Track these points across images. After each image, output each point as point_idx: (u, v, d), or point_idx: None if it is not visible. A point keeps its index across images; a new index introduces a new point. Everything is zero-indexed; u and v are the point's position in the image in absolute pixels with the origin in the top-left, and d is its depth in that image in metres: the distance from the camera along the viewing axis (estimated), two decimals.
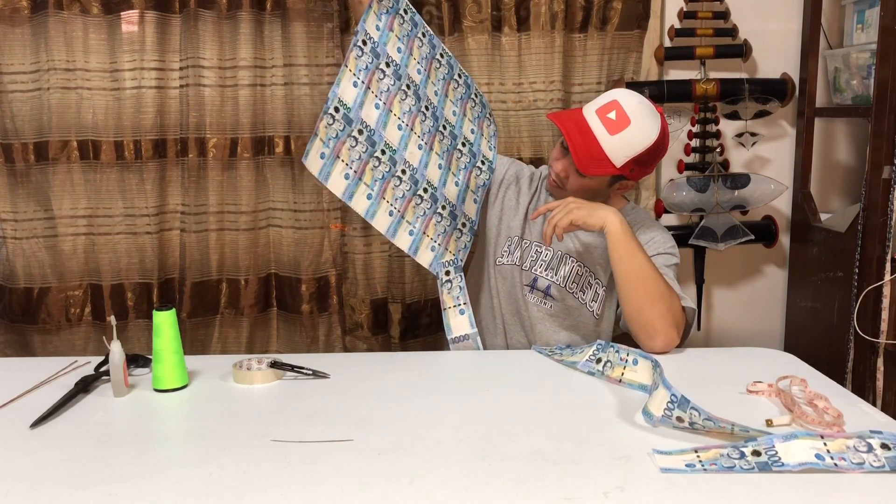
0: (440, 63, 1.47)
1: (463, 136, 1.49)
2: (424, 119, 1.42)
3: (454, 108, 1.48)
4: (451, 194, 1.47)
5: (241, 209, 1.91)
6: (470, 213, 1.51)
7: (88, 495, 0.87)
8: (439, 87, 1.46)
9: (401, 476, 0.91)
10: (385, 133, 1.37)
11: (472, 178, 1.50)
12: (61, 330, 1.92)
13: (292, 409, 1.13)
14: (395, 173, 1.39)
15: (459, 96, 1.50)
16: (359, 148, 1.35)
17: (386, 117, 1.37)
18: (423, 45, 1.44)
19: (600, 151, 1.39)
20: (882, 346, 1.66)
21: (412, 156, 1.41)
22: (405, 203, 1.41)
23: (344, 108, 1.33)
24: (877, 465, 0.90)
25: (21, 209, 1.87)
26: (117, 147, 1.86)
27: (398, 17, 1.40)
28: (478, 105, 1.55)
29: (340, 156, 1.34)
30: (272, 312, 1.99)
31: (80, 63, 1.82)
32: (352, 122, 1.34)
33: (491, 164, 1.54)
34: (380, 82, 1.37)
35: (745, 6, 1.93)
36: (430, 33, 1.47)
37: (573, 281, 1.51)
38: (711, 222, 1.92)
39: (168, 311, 1.22)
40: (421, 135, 1.41)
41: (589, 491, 0.86)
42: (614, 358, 1.25)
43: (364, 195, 1.37)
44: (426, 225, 1.44)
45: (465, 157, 1.49)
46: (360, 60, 1.35)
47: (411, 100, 1.40)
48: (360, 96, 1.34)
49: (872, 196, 1.66)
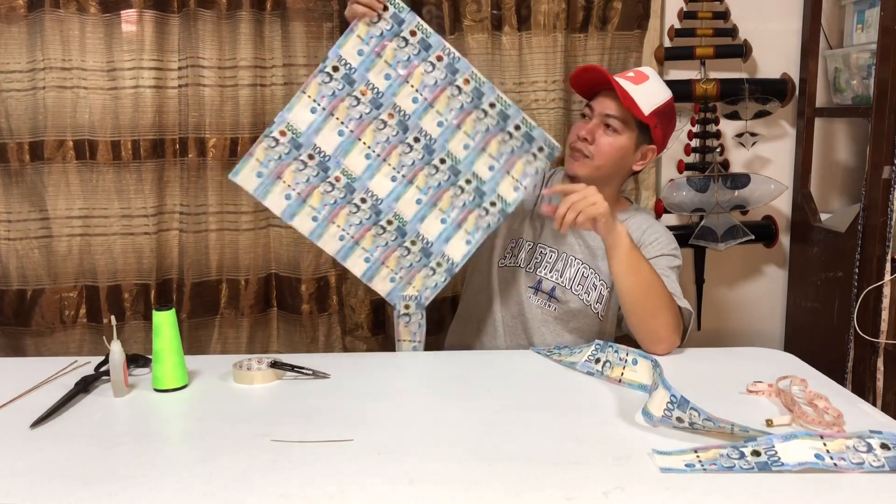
0: (460, 91, 1.35)
1: (472, 172, 1.38)
2: (409, 151, 1.35)
3: (468, 142, 1.37)
4: (431, 232, 1.40)
5: (240, 209, 1.91)
6: (454, 254, 1.41)
7: (88, 495, 0.87)
8: (448, 118, 1.36)
9: (401, 476, 0.91)
10: (345, 161, 1.35)
11: (469, 217, 1.40)
12: (55, 332, 1.91)
13: (292, 409, 1.13)
14: (351, 200, 1.37)
15: (484, 128, 1.37)
16: (307, 171, 1.35)
17: (350, 145, 1.35)
18: (433, 71, 1.34)
19: (630, 98, 1.45)
20: (882, 346, 1.66)
21: (379, 186, 1.36)
22: (362, 230, 1.39)
23: (293, 132, 1.34)
24: (876, 465, 0.90)
25: (15, 209, 1.86)
26: (114, 147, 1.85)
27: (398, 40, 1.33)
28: (515, 140, 1.38)
29: (283, 177, 1.35)
30: (272, 312, 1.99)
31: (77, 62, 1.81)
32: (301, 146, 1.34)
33: (505, 207, 1.41)
34: (350, 109, 1.33)
35: (745, 6, 1.93)
36: (451, 56, 1.34)
37: (578, 283, 1.51)
38: (711, 222, 1.92)
39: (168, 311, 1.22)
40: (398, 167, 1.36)
41: (589, 491, 0.86)
42: (613, 358, 1.25)
43: (309, 217, 1.37)
44: (386, 255, 1.41)
45: (465, 196, 1.39)
46: (324, 87, 1.33)
47: (391, 130, 1.34)
48: (317, 122, 1.33)
49: (872, 196, 1.66)
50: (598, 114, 1.49)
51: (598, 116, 1.49)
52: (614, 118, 1.47)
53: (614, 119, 1.47)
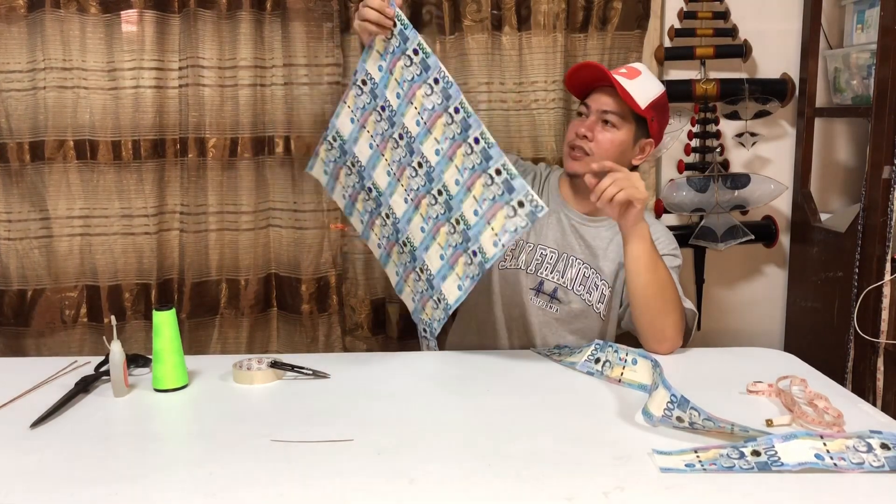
0: (452, 119, 1.26)
1: (461, 212, 1.29)
2: (415, 175, 1.32)
3: (458, 177, 1.28)
4: (433, 265, 1.36)
5: (241, 209, 1.91)
6: (448, 295, 1.34)
7: (88, 495, 0.87)
8: (444, 147, 1.29)
9: (401, 476, 0.91)
10: (374, 174, 1.38)
11: (459, 261, 1.32)
12: (56, 332, 1.91)
13: (292, 409, 1.13)
14: (380, 213, 1.40)
15: (470, 166, 1.26)
16: (352, 178, 1.41)
17: (377, 159, 1.36)
18: (431, 94, 1.28)
19: (627, 92, 1.46)
20: (882, 346, 1.66)
21: (397, 205, 1.37)
22: (389, 244, 1.43)
23: (340, 138, 1.38)
24: (876, 465, 0.90)
25: (15, 210, 1.86)
26: (115, 147, 1.85)
27: (404, 58, 1.30)
28: (496, 186, 1.24)
29: (339, 179, 1.44)
30: (272, 312, 1.99)
31: (77, 62, 1.82)
32: (346, 153, 1.39)
33: (485, 262, 1.28)
34: (376, 124, 1.34)
35: (745, 6, 1.93)
36: (446, 80, 1.27)
37: (580, 283, 1.51)
38: (711, 222, 1.92)
39: (168, 311, 1.22)
40: (408, 189, 1.34)
41: (589, 491, 0.86)
42: (613, 358, 1.25)
43: (358, 219, 1.46)
44: (406, 275, 1.42)
45: (456, 236, 1.31)
46: (358, 99, 1.36)
47: (402, 151, 1.32)
48: (355, 132, 1.36)
49: (872, 196, 1.66)
50: (594, 110, 1.49)
51: (595, 113, 1.49)
52: (612, 113, 1.47)
53: (612, 114, 1.47)
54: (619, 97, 1.46)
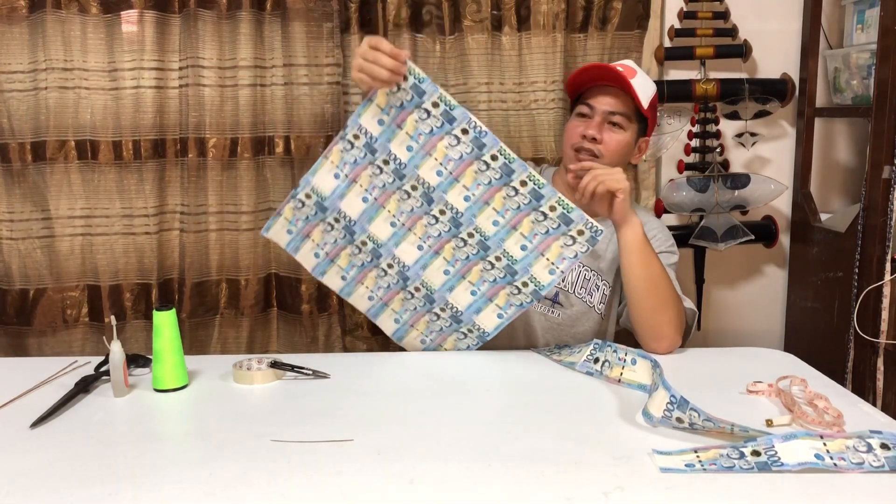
0: (488, 166, 1.23)
1: (502, 249, 1.29)
2: (434, 223, 1.28)
3: (497, 219, 1.27)
4: (461, 301, 1.35)
5: (241, 209, 1.91)
6: (485, 324, 1.37)
7: (88, 495, 0.87)
8: (475, 193, 1.25)
9: (401, 476, 0.91)
10: (370, 227, 1.30)
11: (500, 293, 1.33)
12: (57, 332, 1.91)
13: (292, 409, 1.14)
14: (378, 265, 1.33)
15: (515, 206, 1.26)
16: (334, 233, 1.31)
17: (375, 212, 1.29)
18: (457, 145, 1.23)
19: (636, 93, 1.45)
20: (882, 346, 1.66)
21: (405, 254, 1.31)
22: (390, 293, 1.36)
23: (318, 195, 1.28)
24: (876, 465, 0.90)
25: (17, 209, 1.87)
26: (115, 147, 1.86)
27: (418, 111, 1.23)
28: (550, 221, 1.26)
29: (311, 236, 1.33)
30: (272, 312, 1.99)
31: (79, 62, 1.82)
32: (326, 209, 1.29)
33: (539, 289, 1.31)
34: (373, 177, 1.26)
35: (745, 6, 1.93)
36: (478, 130, 1.22)
37: (581, 286, 1.50)
38: (711, 222, 1.92)
39: (168, 311, 1.22)
40: (423, 237, 1.29)
41: (589, 491, 0.86)
42: (612, 358, 1.25)
43: (337, 276, 1.35)
44: (415, 319, 1.39)
45: (495, 272, 1.31)
46: (346, 154, 1.25)
47: (415, 201, 1.27)
48: (341, 187, 1.27)
49: (872, 196, 1.66)
50: (600, 111, 1.47)
51: (600, 114, 1.47)
52: (619, 115, 1.46)
53: (619, 115, 1.46)
54: (623, 97, 1.45)
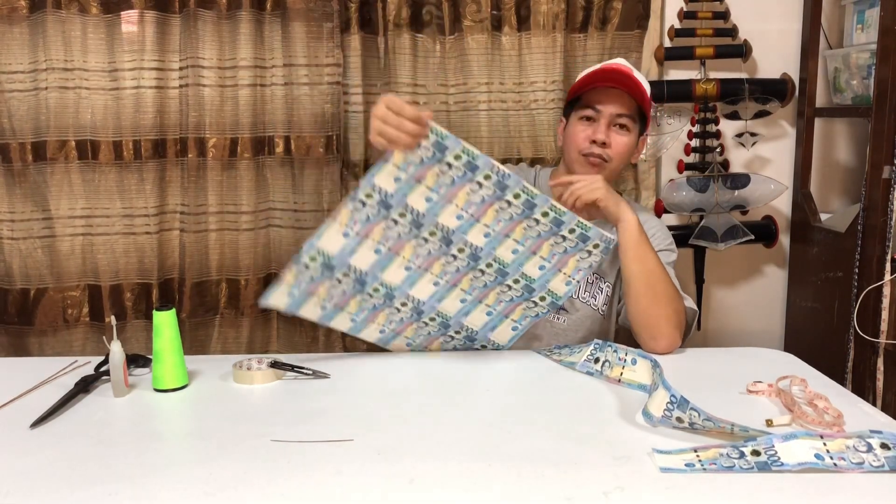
0: (510, 203, 1.23)
1: (521, 272, 1.30)
2: (452, 261, 1.27)
3: (517, 248, 1.27)
4: (477, 322, 1.36)
5: (241, 209, 1.91)
6: (500, 339, 1.40)
7: (88, 495, 0.87)
8: (496, 228, 1.25)
9: (401, 476, 0.91)
10: (383, 274, 1.27)
11: (517, 309, 1.35)
12: (58, 331, 1.91)
13: (292, 409, 1.13)
14: (391, 305, 1.31)
15: (535, 234, 1.26)
16: (342, 286, 1.28)
17: (388, 261, 1.26)
18: (479, 190, 1.21)
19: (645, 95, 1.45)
20: (882, 346, 1.66)
21: (420, 291, 1.30)
22: (403, 326, 1.36)
23: (324, 256, 1.25)
24: (876, 464, 0.90)
25: (18, 209, 1.87)
26: (116, 147, 1.86)
27: (439, 165, 1.19)
28: (569, 242, 1.28)
29: (316, 294, 1.29)
30: (272, 312, 1.99)
31: (79, 63, 1.82)
32: (333, 268, 1.26)
33: (556, 300, 1.35)
34: (387, 230, 1.23)
35: (745, 6, 1.94)
36: (500, 174, 1.19)
37: (585, 290, 1.49)
38: (711, 222, 1.92)
39: (168, 311, 1.22)
40: (440, 275, 1.29)
41: (589, 491, 0.86)
42: (613, 357, 1.25)
43: (347, 319, 1.33)
44: (429, 342, 1.40)
45: (512, 292, 1.32)
46: (358, 213, 1.21)
47: (433, 245, 1.26)
48: (351, 244, 1.24)
49: (872, 196, 1.66)
50: (607, 115, 1.44)
51: (607, 117, 1.44)
52: (626, 117, 1.45)
53: (626, 118, 1.45)
54: (627, 99, 1.44)
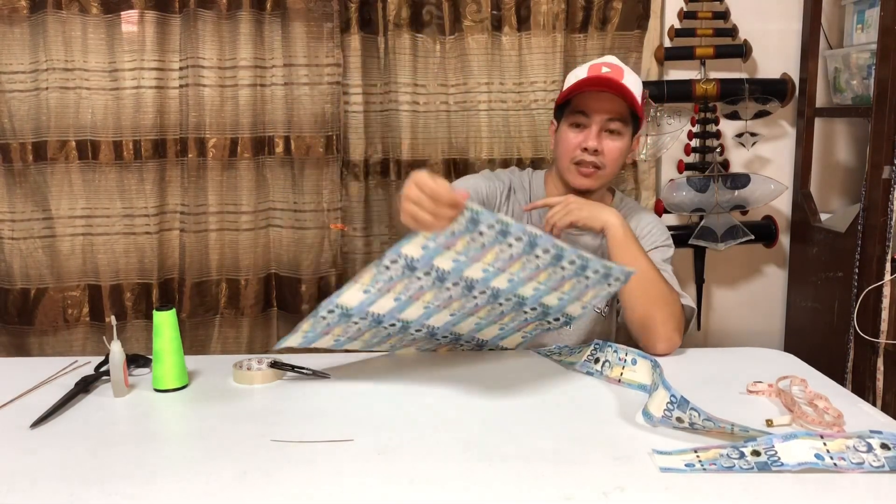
0: (538, 256, 1.18)
1: (538, 302, 1.28)
2: (472, 300, 1.25)
3: (538, 286, 1.25)
4: (487, 335, 1.37)
5: (241, 209, 1.91)
6: (509, 344, 1.42)
7: (88, 495, 0.87)
8: (521, 275, 1.21)
9: (401, 476, 0.91)
10: (400, 315, 1.26)
11: (528, 327, 1.36)
12: (58, 331, 1.92)
13: (292, 409, 1.13)
14: (406, 332, 1.31)
15: (558, 276, 1.23)
16: (357, 325, 1.27)
17: (407, 304, 1.24)
18: (510, 249, 1.17)
19: (635, 99, 1.41)
20: (882, 346, 1.66)
21: (437, 320, 1.29)
22: (414, 343, 1.38)
23: (342, 309, 1.22)
24: (876, 465, 0.90)
25: (19, 209, 1.87)
26: (116, 147, 1.86)
27: (470, 235, 1.13)
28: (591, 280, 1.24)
29: (332, 333, 1.28)
30: (272, 312, 1.99)
31: (79, 63, 1.82)
32: (350, 316, 1.24)
33: (570, 321, 1.34)
34: (409, 284, 1.20)
35: (745, 6, 1.94)
36: (531, 235, 1.13)
37: None
38: (711, 222, 1.92)
39: (168, 311, 1.22)
40: (459, 309, 1.27)
41: (589, 491, 0.86)
42: (613, 358, 1.25)
43: (360, 344, 1.33)
44: (438, 348, 1.42)
45: (527, 314, 1.31)
46: (380, 275, 1.17)
47: (455, 291, 1.23)
48: (371, 298, 1.21)
49: (872, 196, 1.66)
50: (597, 121, 1.41)
51: (598, 123, 1.41)
52: (618, 121, 1.41)
53: (618, 122, 1.41)
54: (618, 101, 1.40)
